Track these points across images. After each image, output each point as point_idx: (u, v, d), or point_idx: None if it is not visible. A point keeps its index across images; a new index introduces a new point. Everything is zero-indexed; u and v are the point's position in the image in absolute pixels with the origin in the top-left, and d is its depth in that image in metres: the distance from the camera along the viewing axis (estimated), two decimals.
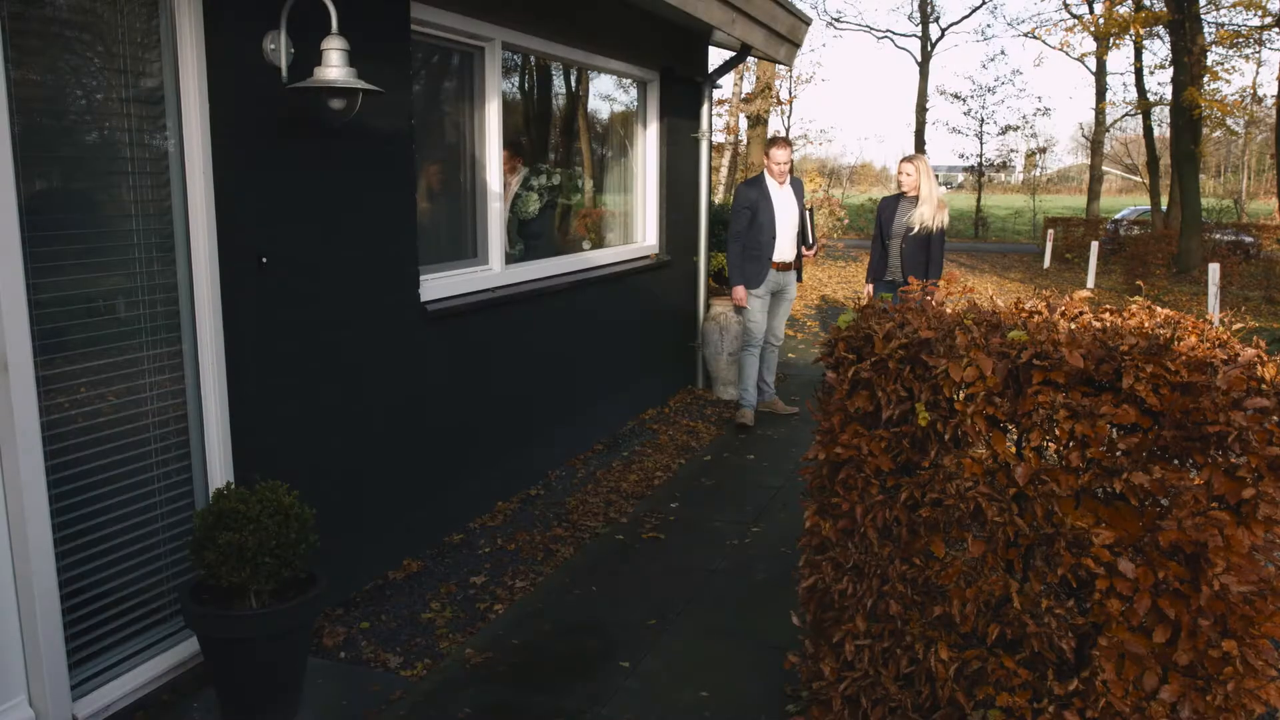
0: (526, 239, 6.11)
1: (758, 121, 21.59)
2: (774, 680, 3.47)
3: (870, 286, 7.07)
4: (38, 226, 2.87)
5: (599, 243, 7.12)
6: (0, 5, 2.67)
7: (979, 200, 34.90)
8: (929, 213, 6.68)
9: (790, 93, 31.10)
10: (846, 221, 21.24)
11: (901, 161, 6.93)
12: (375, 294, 4.22)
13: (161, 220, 3.30)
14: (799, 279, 7.24)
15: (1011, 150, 38.18)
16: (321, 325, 3.91)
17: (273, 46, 3.52)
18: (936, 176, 7.12)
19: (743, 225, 6.85)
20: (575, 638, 3.85)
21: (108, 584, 3.19)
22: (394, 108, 4.24)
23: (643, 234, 7.60)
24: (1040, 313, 2.66)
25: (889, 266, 6.90)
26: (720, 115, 23.83)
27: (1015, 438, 2.48)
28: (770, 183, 6.85)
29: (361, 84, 3.40)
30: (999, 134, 39.15)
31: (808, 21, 8.61)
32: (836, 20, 50.43)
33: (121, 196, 3.17)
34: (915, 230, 6.67)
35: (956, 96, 40.97)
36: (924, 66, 34.14)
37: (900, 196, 6.90)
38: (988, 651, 2.50)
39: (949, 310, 2.69)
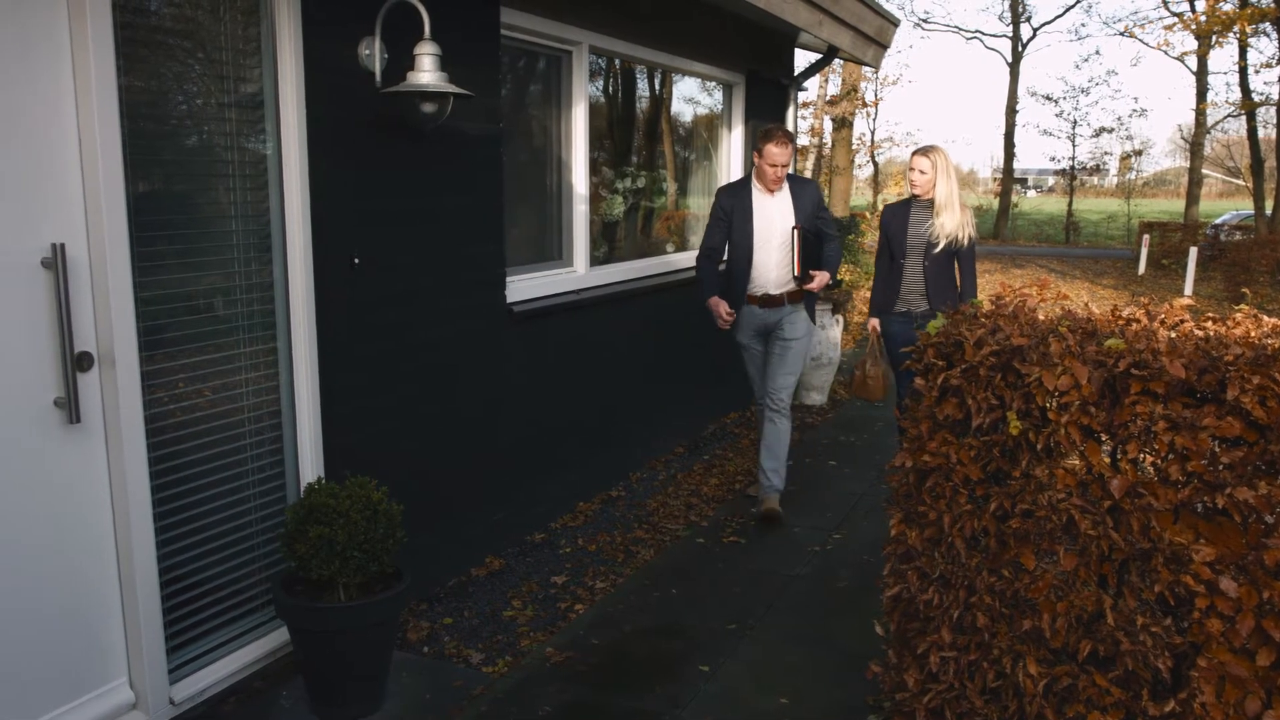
0: (610, 241, 6.15)
1: (843, 124, 21.37)
2: (855, 689, 3.43)
3: (875, 322, 5.37)
4: (143, 227, 2.98)
5: (681, 245, 7.11)
6: (113, 15, 2.78)
7: (1070, 204, 34.02)
8: (952, 221, 5.06)
9: (876, 95, 30.72)
10: None
11: (914, 155, 5.24)
12: (462, 294, 4.29)
13: (259, 221, 3.40)
14: (812, 312, 5.32)
15: (1105, 153, 37.10)
16: (409, 325, 3.98)
17: (367, 52, 3.60)
18: (961, 179, 5.54)
19: (716, 240, 5.20)
20: (655, 640, 3.85)
21: (204, 573, 3.30)
22: (483, 111, 4.30)
23: None
24: (1138, 320, 2.58)
25: (902, 293, 5.23)
26: (804, 118, 23.66)
27: (1110, 449, 2.41)
28: (755, 189, 5.11)
29: (452, 88, 3.46)
30: (1092, 136, 38.08)
31: (896, 23, 8.50)
32: (924, 21, 49.59)
33: (222, 198, 3.28)
34: (940, 246, 5.08)
35: (1048, 98, 40.03)
36: (1014, 67, 33.39)
37: (911, 202, 5.25)
38: (1079, 668, 2.43)
39: (1042, 317, 2.63)
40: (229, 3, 3.23)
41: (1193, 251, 17.17)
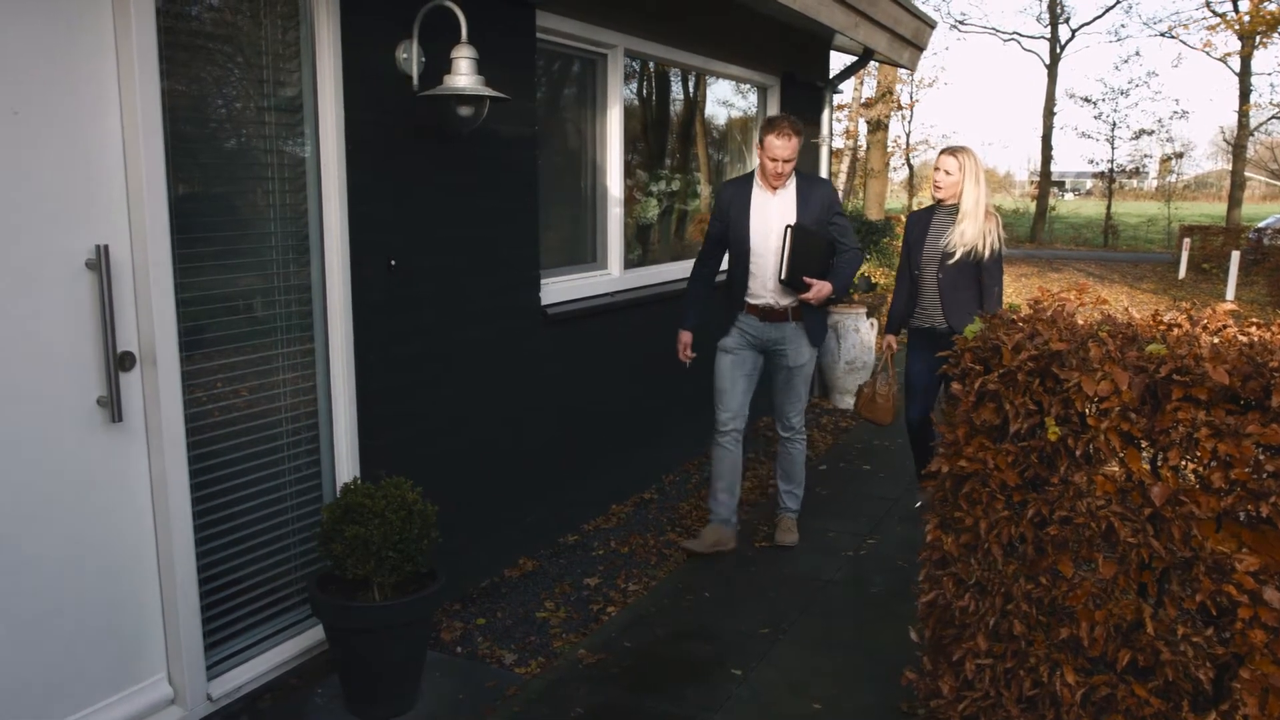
0: (644, 244, 6.15)
1: (878, 126, 21.26)
2: (889, 695, 3.41)
3: (891, 338, 5.07)
4: (184, 228, 3.02)
5: None
6: (156, 20, 2.82)
7: (1109, 207, 33.61)
8: (973, 230, 4.62)
9: (912, 97, 30.54)
10: None
11: (941, 154, 4.80)
12: (497, 296, 4.31)
13: (298, 223, 3.44)
14: (814, 341, 4.63)
15: (1145, 155, 36.62)
16: (445, 326, 4.01)
17: (405, 55, 3.63)
18: (984, 181, 4.76)
19: (712, 242, 4.69)
20: (687, 643, 3.85)
21: (241, 571, 3.33)
22: (519, 114, 4.32)
23: None
24: (1180, 325, 2.55)
25: (921, 308, 4.89)
26: (839, 120, 23.57)
27: (1151, 456, 2.38)
28: (757, 185, 4.54)
29: (489, 91, 3.48)
30: (1132, 138, 37.62)
31: (932, 25, 8.44)
32: (961, 22, 49.25)
33: (260, 200, 3.32)
34: (955, 257, 4.67)
35: (1087, 100, 39.55)
36: (1052, 69, 33.04)
37: (935, 209, 4.86)
38: (1117, 678, 2.41)
39: (1081, 322, 2.60)
40: (269, 7, 3.27)
41: (1235, 256, 16.90)
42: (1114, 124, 34.92)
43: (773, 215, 4.49)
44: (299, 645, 3.51)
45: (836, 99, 8.68)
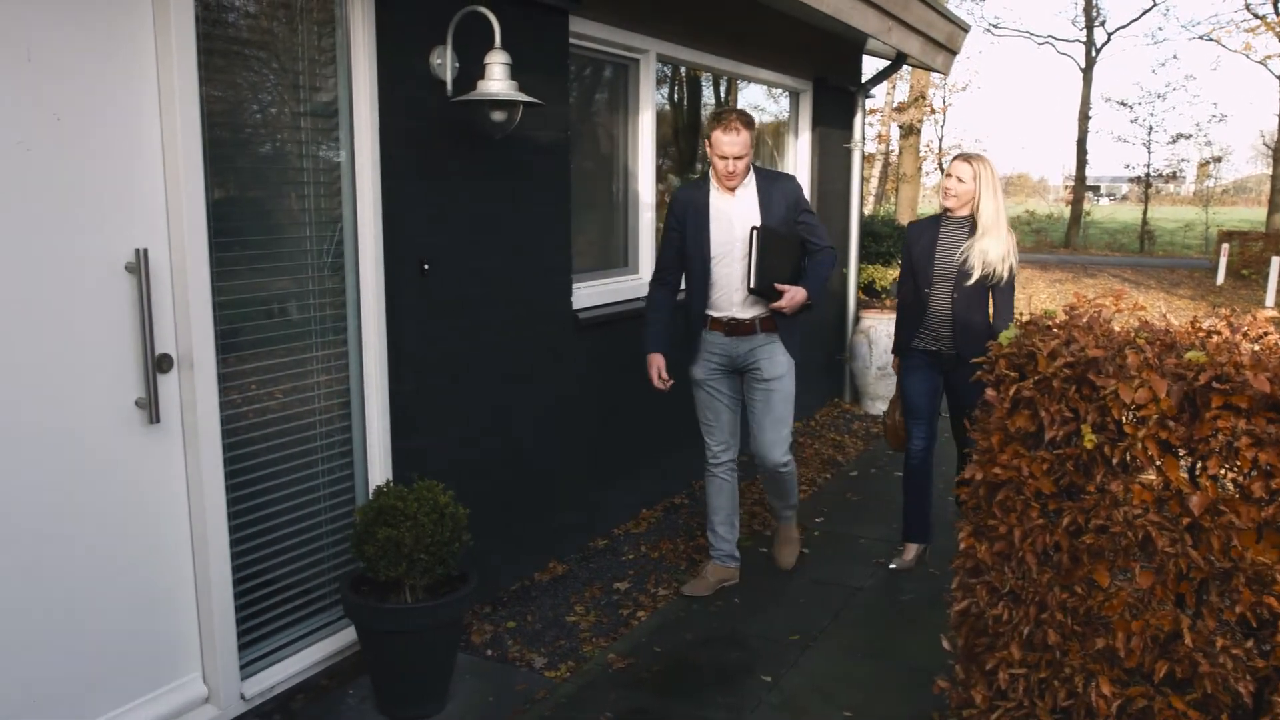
0: None
1: (910, 131, 21.16)
2: (920, 704, 3.38)
3: (897, 360, 4.64)
4: (220, 232, 3.06)
5: None
6: (195, 27, 2.86)
7: (1145, 213, 33.22)
8: (997, 249, 4.20)
9: (944, 101, 30.34)
10: None
11: (955, 160, 4.37)
12: (529, 301, 4.32)
13: (332, 227, 3.47)
14: (792, 351, 4.22)
15: (1182, 160, 36.16)
16: (477, 331, 4.03)
17: (439, 61, 3.65)
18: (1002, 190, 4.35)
19: (668, 257, 4.24)
20: (717, 649, 3.84)
21: (275, 572, 3.36)
22: (551, 119, 4.34)
23: None
24: (1219, 332, 2.51)
25: (927, 328, 4.41)
26: (871, 124, 23.45)
27: (1189, 464, 2.35)
28: (713, 188, 4.11)
29: (522, 96, 3.49)
30: (1169, 143, 37.19)
31: (966, 28, 8.39)
32: (995, 26, 48.90)
33: (295, 205, 3.35)
34: (974, 277, 4.23)
35: (1123, 104, 39.18)
36: (1088, 72, 32.72)
37: (941, 219, 4.40)
38: (1154, 690, 2.37)
39: (1117, 328, 2.57)
40: (306, 13, 3.31)
41: (1275, 261, 16.64)
42: (1150, 128, 34.62)
43: (735, 219, 4.06)
44: (330, 646, 3.54)
45: (868, 103, 8.64)
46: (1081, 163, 32.81)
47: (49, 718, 2.70)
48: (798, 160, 7.45)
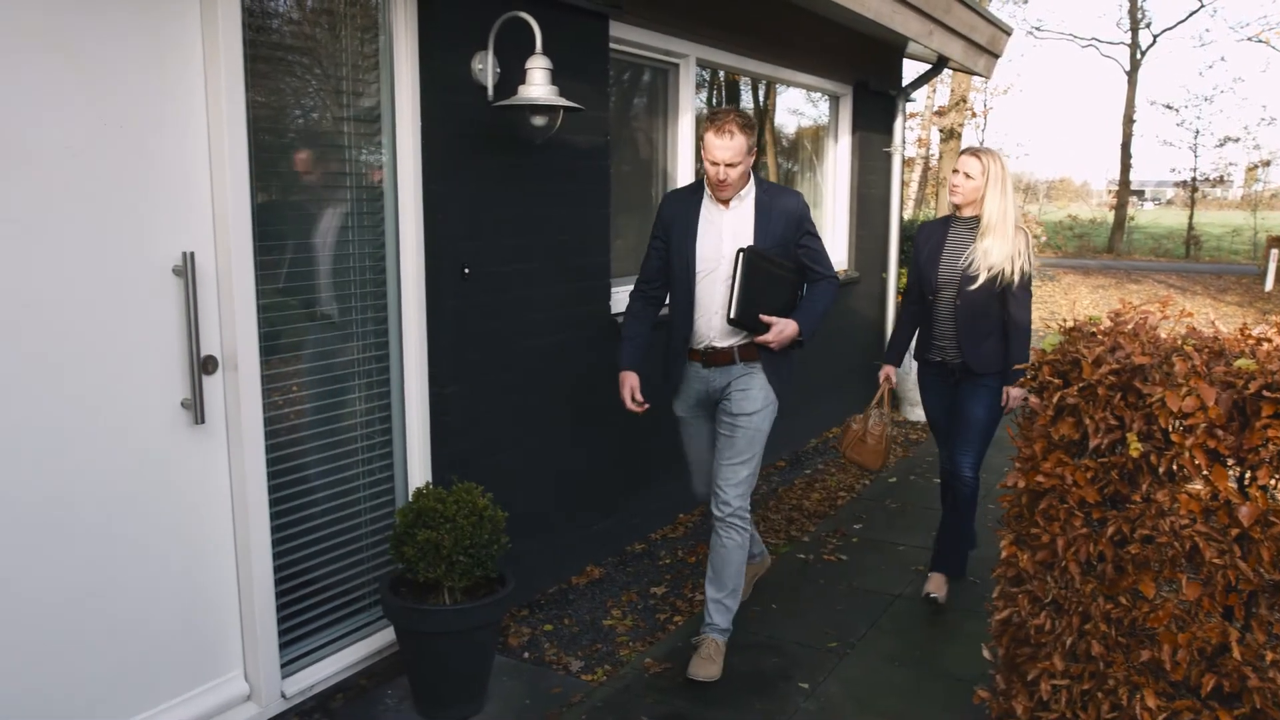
0: None
1: (951, 135, 20.99)
2: (959, 714, 3.35)
3: (890, 370, 4.38)
4: (264, 236, 3.10)
5: None
6: (242, 33, 2.90)
7: (1191, 217, 32.67)
8: (1000, 250, 3.90)
9: (985, 104, 30.04)
10: (1044, 239, 20.21)
11: (963, 154, 4.10)
12: (568, 305, 4.33)
13: (375, 232, 3.50)
14: (776, 387, 3.71)
15: (1230, 164, 35.52)
16: (516, 334, 4.04)
17: (480, 66, 3.67)
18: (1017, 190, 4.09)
19: (651, 269, 3.81)
20: (754, 655, 3.82)
21: (315, 572, 3.40)
22: (592, 124, 4.35)
23: (830, 250, 7.49)
24: (1270, 340, 2.47)
25: (933, 337, 4.15)
26: (911, 128, 23.29)
27: (1239, 474, 2.31)
28: (706, 199, 3.66)
29: (563, 101, 3.51)
30: (1216, 146, 36.57)
31: (1009, 31, 8.31)
32: (1037, 29, 48.47)
33: (339, 209, 3.38)
34: (978, 281, 3.93)
35: (1169, 107, 38.58)
36: (1132, 75, 32.26)
37: (951, 220, 4.14)
38: (1201, 703, 2.33)
39: (1164, 335, 2.53)
40: (349, 20, 3.34)
41: None
42: (1197, 131, 34.02)
43: (725, 233, 3.61)
44: (369, 646, 3.57)
45: (909, 107, 8.56)
46: (1126, 166, 32.33)
47: (95, 713, 2.75)
48: (837, 165, 7.41)
